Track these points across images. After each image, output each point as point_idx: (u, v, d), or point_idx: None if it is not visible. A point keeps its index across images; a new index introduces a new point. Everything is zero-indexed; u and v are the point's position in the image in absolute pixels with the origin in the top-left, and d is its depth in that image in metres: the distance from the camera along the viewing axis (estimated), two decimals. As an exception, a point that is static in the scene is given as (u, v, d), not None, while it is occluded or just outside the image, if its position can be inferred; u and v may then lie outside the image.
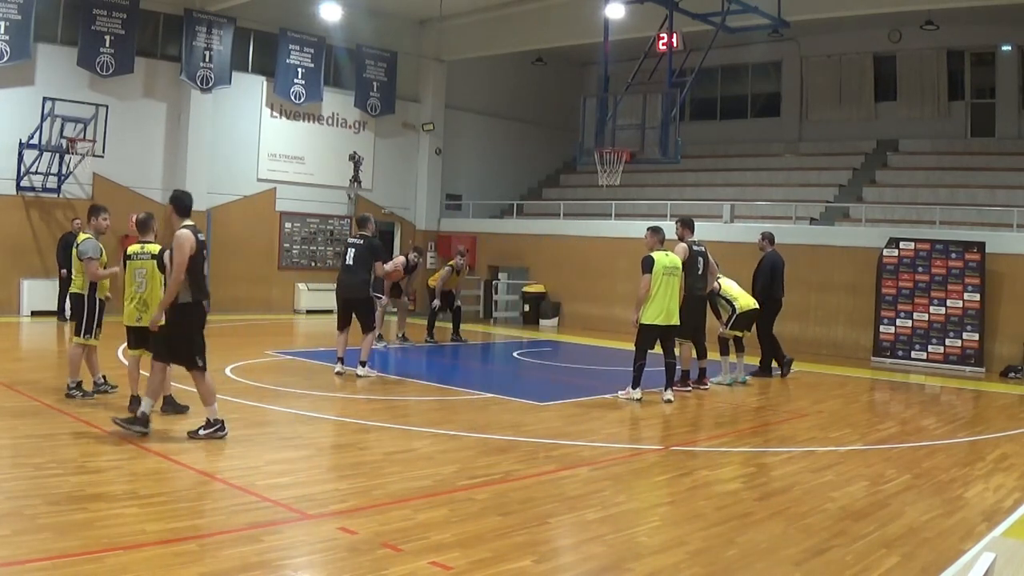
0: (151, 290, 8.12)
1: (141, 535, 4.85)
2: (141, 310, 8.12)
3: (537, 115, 25.37)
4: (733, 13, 14.72)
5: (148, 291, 8.12)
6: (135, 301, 8.16)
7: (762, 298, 12.49)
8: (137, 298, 8.14)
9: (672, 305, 10.06)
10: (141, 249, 8.21)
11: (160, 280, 8.05)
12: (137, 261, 8.14)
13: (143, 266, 8.14)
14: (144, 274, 8.12)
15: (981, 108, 20.27)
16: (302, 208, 20.71)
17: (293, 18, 19.81)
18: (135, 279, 8.14)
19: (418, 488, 6.13)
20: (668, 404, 10.05)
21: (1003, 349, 14.69)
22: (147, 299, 8.12)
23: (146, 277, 8.12)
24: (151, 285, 8.12)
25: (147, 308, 8.08)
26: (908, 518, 5.88)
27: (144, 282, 8.11)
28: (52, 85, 16.59)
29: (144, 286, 8.11)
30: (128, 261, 8.16)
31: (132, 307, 8.17)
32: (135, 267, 8.14)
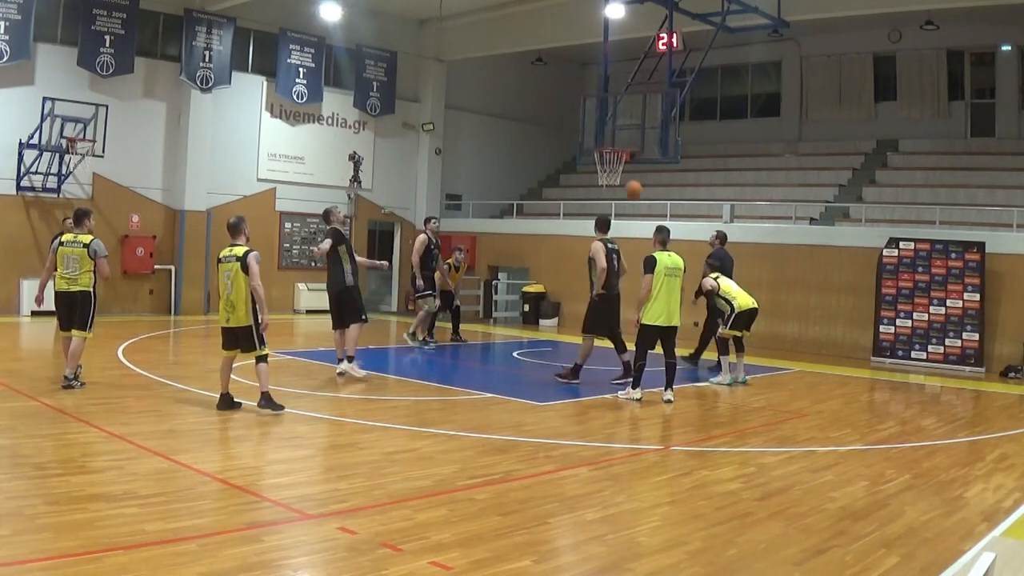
0: (237, 291, 8.39)
1: (141, 535, 4.85)
2: (228, 311, 8.44)
3: (537, 115, 25.36)
4: (733, 13, 14.71)
5: (234, 292, 8.39)
6: (224, 303, 8.52)
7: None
8: (224, 299, 8.48)
9: (673, 306, 10.05)
10: (228, 252, 8.54)
11: (245, 282, 8.37)
12: (225, 264, 8.48)
13: (229, 268, 8.43)
14: (230, 276, 8.41)
15: (981, 108, 20.26)
16: (302, 208, 20.70)
17: (293, 18, 19.80)
18: (223, 280, 8.47)
19: (418, 488, 6.13)
20: (668, 404, 10.04)
21: (1003, 349, 14.69)
22: (233, 300, 8.41)
23: (232, 279, 8.41)
24: (236, 286, 8.39)
25: (233, 309, 8.42)
26: (908, 518, 5.88)
27: (230, 284, 8.40)
28: (52, 85, 16.58)
29: (231, 288, 8.40)
30: (218, 264, 8.54)
31: (222, 309, 8.56)
32: (223, 269, 8.47)
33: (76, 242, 9.32)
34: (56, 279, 9.32)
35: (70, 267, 9.26)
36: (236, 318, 8.45)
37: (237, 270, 8.40)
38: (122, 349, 12.52)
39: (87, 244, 9.27)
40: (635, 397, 10.12)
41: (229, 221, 8.93)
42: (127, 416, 8.10)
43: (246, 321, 8.47)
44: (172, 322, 17.23)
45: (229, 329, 8.54)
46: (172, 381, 10.06)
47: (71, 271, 9.25)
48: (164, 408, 8.71)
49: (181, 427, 8.03)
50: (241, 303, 8.42)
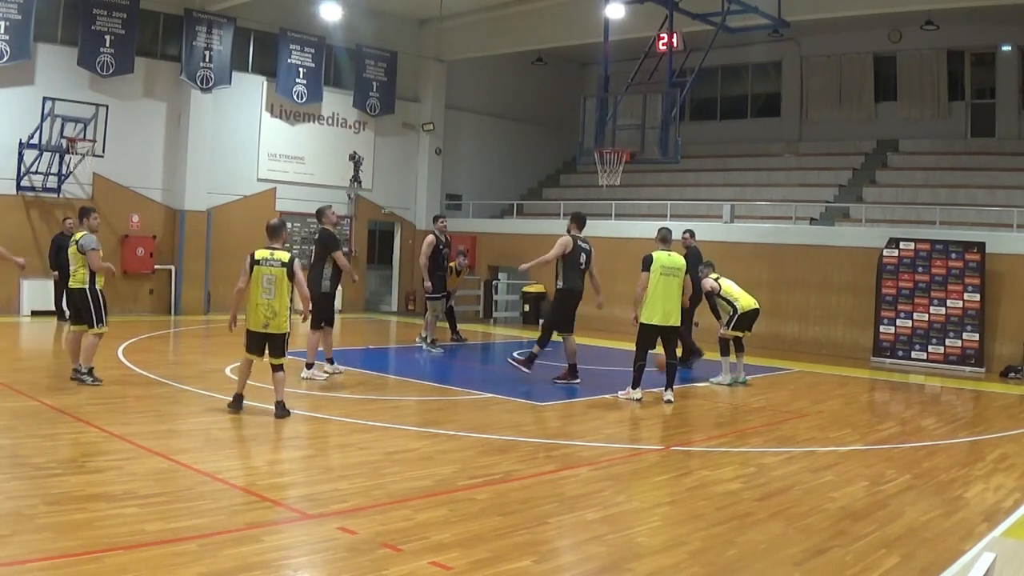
0: (280, 298, 8.23)
1: (141, 535, 4.85)
2: (269, 316, 8.24)
3: (537, 115, 25.35)
4: (733, 13, 14.71)
5: (277, 299, 8.22)
6: (263, 307, 8.23)
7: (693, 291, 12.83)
8: (265, 304, 8.22)
9: (670, 306, 10.04)
10: (271, 255, 8.30)
11: (288, 288, 8.25)
12: (265, 267, 8.22)
13: (272, 273, 8.21)
14: (273, 280, 8.21)
15: (981, 108, 20.26)
16: (302, 208, 20.67)
17: (293, 18, 19.80)
18: (262, 285, 8.21)
19: (418, 488, 6.13)
20: (668, 404, 10.04)
21: (1003, 349, 14.69)
22: (276, 307, 8.24)
23: (275, 284, 8.20)
24: (280, 293, 8.21)
25: (275, 316, 8.22)
26: (908, 518, 5.88)
27: (272, 288, 8.19)
28: (52, 85, 16.58)
29: (273, 293, 8.19)
30: (256, 266, 8.23)
31: (260, 313, 8.24)
32: (263, 273, 8.21)
33: (73, 240, 9.56)
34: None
35: (71, 264, 9.50)
36: (276, 324, 8.27)
37: (282, 276, 8.22)
38: (122, 349, 12.52)
39: (78, 240, 9.44)
40: (635, 397, 10.12)
41: (271, 223, 8.64)
42: (127, 416, 8.10)
43: (285, 328, 8.34)
44: (172, 322, 17.23)
45: (266, 335, 8.29)
46: (172, 381, 10.06)
47: (72, 268, 9.50)
48: (164, 408, 8.72)
49: (181, 427, 8.03)
50: (284, 310, 8.27)
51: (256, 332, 8.31)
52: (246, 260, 8.31)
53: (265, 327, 8.24)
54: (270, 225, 8.59)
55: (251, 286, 8.25)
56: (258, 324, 8.26)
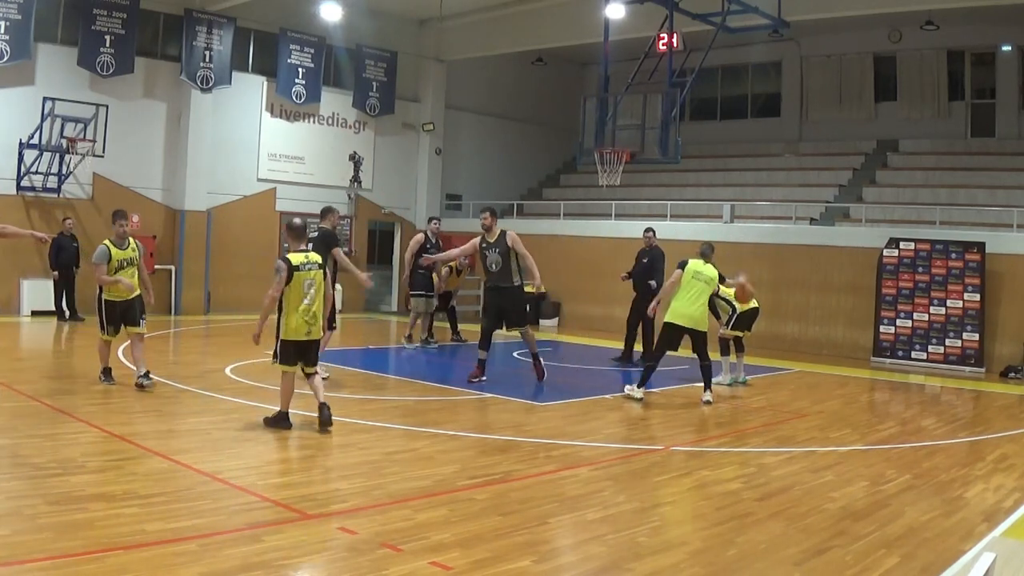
0: (319, 302, 7.84)
1: (141, 535, 4.85)
2: (311, 323, 7.80)
3: (537, 115, 25.35)
4: (733, 13, 14.71)
5: (317, 304, 7.81)
6: (304, 314, 7.76)
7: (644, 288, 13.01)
8: (305, 310, 7.76)
9: (693, 310, 10.12)
10: (306, 259, 7.86)
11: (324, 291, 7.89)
12: (305, 272, 7.78)
13: (312, 277, 7.81)
14: (313, 285, 7.79)
15: (981, 108, 20.26)
16: (302, 208, 20.60)
17: (293, 18, 19.80)
18: (303, 290, 7.74)
19: (418, 488, 6.13)
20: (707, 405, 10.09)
21: (1003, 349, 14.69)
22: (316, 312, 7.82)
23: (315, 288, 7.79)
24: (319, 297, 7.83)
25: (315, 321, 7.81)
26: (908, 518, 5.88)
27: (313, 294, 7.77)
28: (52, 85, 16.58)
29: (313, 298, 7.77)
30: (296, 272, 7.72)
31: (301, 321, 7.76)
32: (303, 278, 7.75)
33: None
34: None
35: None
36: (317, 330, 7.83)
37: (321, 278, 7.84)
38: (122, 349, 12.51)
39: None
40: (636, 396, 10.13)
41: (294, 223, 8.09)
42: (127, 416, 8.10)
43: (321, 333, 8.00)
44: (172, 322, 17.23)
45: (309, 343, 7.85)
46: (172, 381, 10.06)
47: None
48: (164, 408, 8.71)
49: (181, 427, 8.04)
50: (321, 314, 7.88)
51: (296, 341, 7.78)
52: (281, 267, 7.71)
53: (308, 334, 7.79)
54: (295, 226, 8.05)
55: (289, 293, 7.73)
56: (300, 332, 7.76)
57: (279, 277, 7.70)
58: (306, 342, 7.82)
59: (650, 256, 13.33)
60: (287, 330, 7.76)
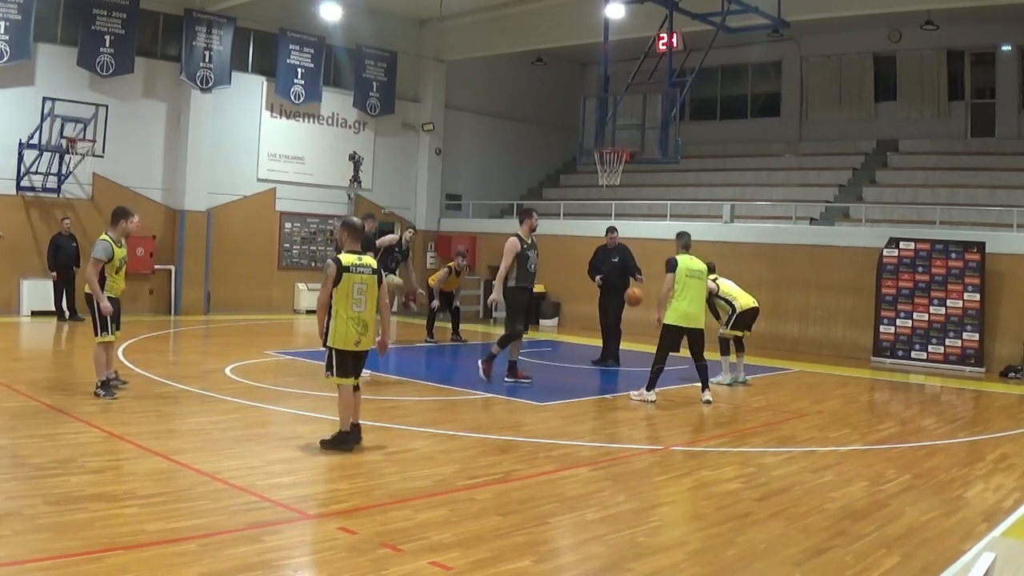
0: (371, 309, 7.21)
1: (141, 535, 4.85)
2: (361, 332, 7.12)
3: (537, 115, 25.35)
4: (733, 13, 14.71)
5: (368, 311, 7.16)
6: (354, 322, 7.09)
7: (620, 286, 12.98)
8: (356, 318, 7.09)
9: (693, 309, 10.12)
10: (359, 260, 7.17)
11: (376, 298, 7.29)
12: (356, 275, 7.09)
13: (363, 281, 7.13)
14: (364, 290, 7.13)
15: (981, 108, 20.26)
16: (302, 208, 20.71)
17: (293, 18, 19.81)
18: (352, 295, 7.07)
19: (418, 488, 6.13)
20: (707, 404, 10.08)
21: (1003, 349, 14.69)
22: (367, 320, 7.16)
23: (366, 293, 7.14)
24: (371, 303, 7.19)
25: (366, 330, 7.14)
26: (908, 518, 5.88)
27: (364, 299, 7.11)
28: (52, 85, 16.58)
29: (364, 304, 7.12)
30: (346, 274, 7.05)
31: (351, 329, 7.08)
32: (354, 281, 7.08)
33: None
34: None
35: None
36: (368, 340, 7.20)
37: (373, 284, 7.18)
38: (122, 349, 12.51)
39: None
40: (649, 399, 10.12)
41: (352, 221, 7.49)
42: (127, 416, 8.09)
43: (373, 342, 7.37)
44: (172, 322, 17.23)
45: (358, 354, 7.21)
46: (172, 381, 10.06)
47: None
48: (164, 408, 8.71)
49: (181, 427, 8.04)
50: (373, 323, 7.27)
51: (353, 352, 7.15)
52: (330, 268, 7.08)
53: (357, 344, 7.12)
54: (353, 224, 7.41)
55: (338, 296, 7.06)
56: (350, 342, 7.09)
57: (326, 278, 7.10)
58: (354, 352, 7.17)
59: (621, 254, 13.28)
60: (335, 337, 7.10)
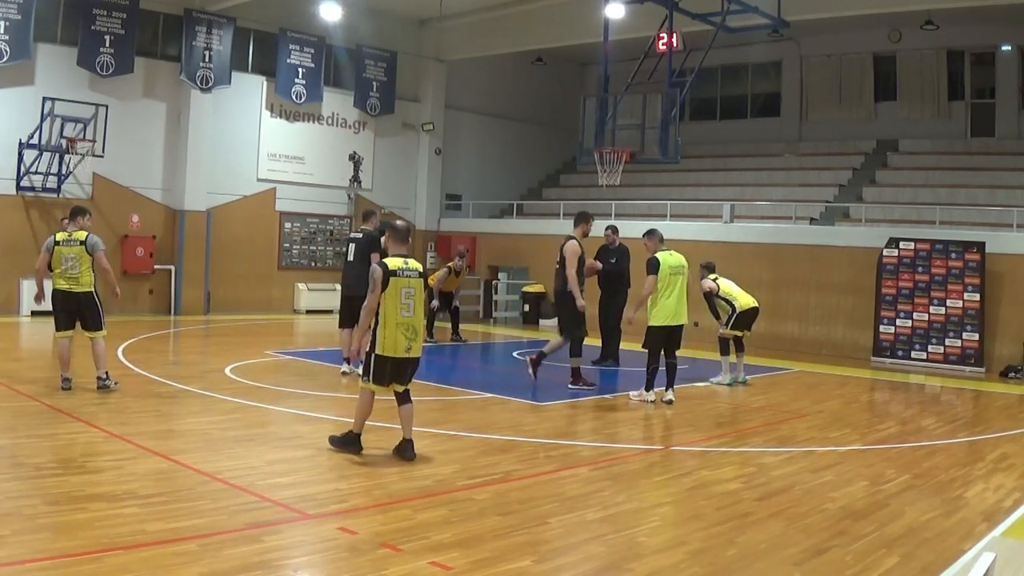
0: (419, 314, 6.98)
1: (141, 535, 4.85)
2: (411, 338, 6.86)
3: (537, 115, 25.36)
4: (733, 13, 14.71)
5: (417, 316, 6.94)
6: (404, 328, 6.84)
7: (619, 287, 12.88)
8: (406, 324, 6.83)
9: (679, 306, 10.06)
10: (405, 264, 6.92)
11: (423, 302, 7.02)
12: (403, 279, 6.84)
13: (411, 285, 6.89)
14: (412, 294, 6.87)
15: (981, 108, 20.26)
16: (302, 208, 20.71)
17: (293, 18, 19.80)
18: (401, 300, 6.81)
19: (418, 488, 6.13)
20: (669, 404, 10.03)
21: (1003, 349, 14.69)
22: (416, 326, 6.92)
23: (414, 298, 6.88)
24: (419, 308, 6.97)
25: (416, 336, 6.91)
26: (908, 518, 5.88)
27: (412, 304, 6.87)
28: (52, 85, 16.57)
29: (412, 309, 6.87)
30: (393, 278, 6.79)
31: (400, 335, 6.81)
32: (401, 286, 6.81)
33: (72, 240, 9.02)
34: (55, 279, 9.03)
35: (69, 266, 8.97)
36: (418, 346, 6.93)
37: (420, 288, 6.97)
38: (122, 349, 12.52)
39: (83, 240, 9.02)
40: (648, 399, 10.11)
41: (398, 225, 7.22)
42: (127, 416, 8.09)
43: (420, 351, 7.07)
44: (172, 322, 17.23)
45: (408, 360, 6.93)
46: (172, 381, 10.06)
47: (72, 270, 8.97)
48: (164, 408, 8.71)
49: (181, 427, 8.03)
50: (422, 327, 7.07)
51: (394, 358, 6.83)
52: (376, 273, 6.80)
53: (408, 351, 6.85)
54: (398, 228, 7.17)
55: (386, 302, 6.78)
56: (399, 348, 6.80)
57: (374, 283, 6.78)
58: (405, 359, 6.91)
59: (618, 256, 13.21)
60: (383, 345, 6.79)
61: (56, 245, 9.02)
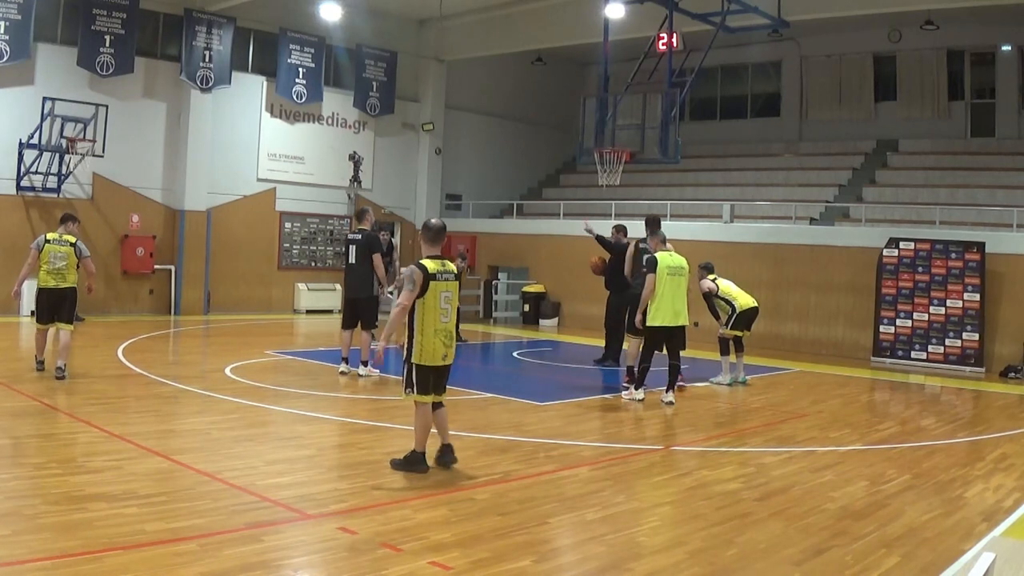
0: (455, 319, 6.66)
1: (141, 535, 4.85)
2: (448, 345, 6.55)
3: (537, 115, 25.36)
4: (733, 13, 14.72)
5: (453, 320, 6.61)
6: (442, 334, 6.49)
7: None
8: (444, 330, 6.49)
9: (679, 305, 10.05)
10: (443, 267, 6.54)
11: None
12: (442, 282, 6.47)
13: (449, 289, 6.53)
14: (450, 299, 6.53)
15: (981, 108, 20.27)
16: (302, 208, 20.71)
17: (293, 18, 19.81)
18: (440, 305, 6.46)
19: (418, 488, 6.13)
20: (669, 406, 10.03)
21: (1003, 349, 14.69)
22: (452, 331, 6.60)
23: (451, 302, 6.55)
24: (455, 313, 6.64)
25: (452, 342, 6.58)
26: (908, 518, 5.88)
27: (450, 309, 6.54)
28: (52, 85, 16.57)
29: (450, 314, 6.54)
30: (432, 282, 6.42)
31: (439, 342, 6.48)
32: (440, 290, 6.46)
33: (63, 241, 9.91)
34: (41, 276, 9.86)
35: (58, 264, 9.83)
36: (453, 352, 6.63)
37: (457, 290, 6.63)
38: (122, 349, 12.52)
39: (74, 244, 9.93)
40: (637, 398, 10.12)
41: (433, 224, 6.70)
42: (127, 416, 8.10)
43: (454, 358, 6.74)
44: (172, 322, 17.23)
45: (445, 368, 6.66)
46: (172, 381, 10.06)
47: (60, 268, 9.83)
48: (164, 408, 8.72)
49: (181, 427, 8.04)
50: (455, 333, 6.72)
51: (433, 367, 6.52)
52: (415, 274, 6.38)
53: (444, 358, 6.55)
54: (434, 227, 6.68)
55: (423, 307, 6.41)
56: (437, 356, 6.48)
57: (411, 286, 6.37)
58: (442, 367, 6.60)
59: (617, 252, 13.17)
60: (421, 353, 6.44)
61: (47, 243, 9.89)
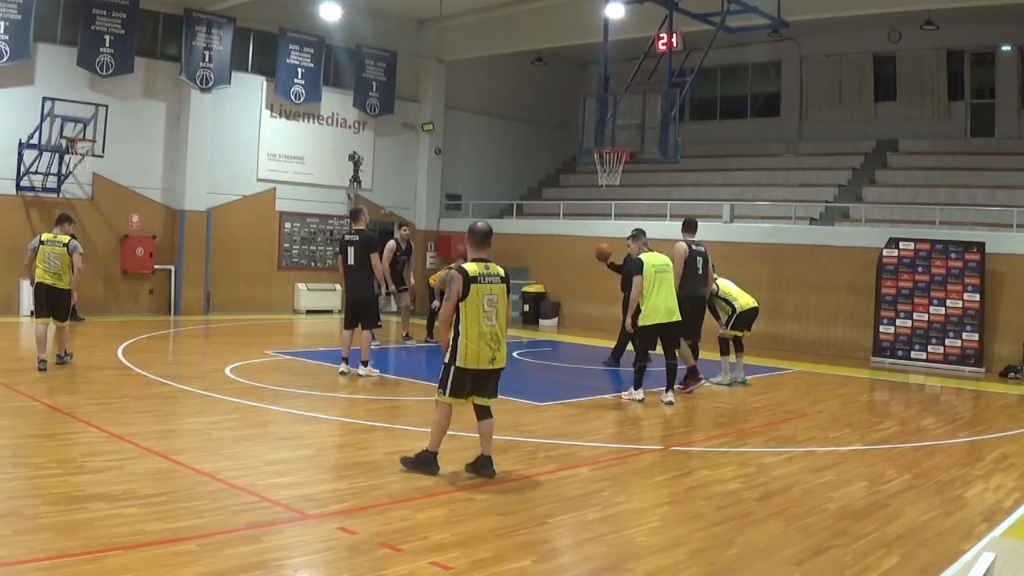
0: (502, 322, 6.47)
1: (141, 535, 4.85)
2: (495, 348, 6.38)
3: (537, 115, 25.36)
4: (733, 13, 14.71)
5: (499, 324, 6.43)
6: (487, 338, 6.36)
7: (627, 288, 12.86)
8: (489, 334, 6.35)
9: (671, 302, 10.06)
10: (486, 270, 6.43)
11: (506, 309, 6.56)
12: (485, 285, 6.37)
13: (494, 292, 6.40)
14: (495, 301, 6.39)
15: (981, 108, 20.26)
16: (302, 208, 20.70)
17: (293, 18, 19.80)
18: (483, 308, 6.34)
19: (418, 488, 6.13)
20: (668, 406, 10.04)
21: (1003, 349, 14.68)
22: (499, 334, 6.43)
23: (496, 305, 6.40)
24: (502, 315, 6.47)
25: (500, 346, 6.42)
26: (908, 518, 5.88)
27: (494, 312, 6.38)
28: (52, 85, 16.57)
29: (495, 317, 6.39)
30: (474, 285, 6.31)
31: (484, 345, 6.34)
32: (483, 293, 6.35)
33: (56, 241, 10.41)
34: (39, 274, 10.36)
35: (53, 264, 10.33)
36: (503, 357, 6.47)
37: (503, 293, 6.46)
38: (122, 349, 12.53)
39: (66, 243, 10.41)
40: (637, 398, 10.12)
41: (479, 227, 6.63)
42: (127, 416, 8.10)
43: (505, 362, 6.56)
44: (172, 322, 17.23)
45: (491, 372, 6.48)
46: (172, 381, 10.06)
47: (55, 267, 10.33)
48: (164, 408, 8.72)
49: (181, 427, 8.04)
50: (505, 336, 6.51)
51: (475, 371, 6.37)
52: (455, 280, 6.30)
53: (492, 362, 6.38)
54: (479, 231, 6.59)
55: (466, 310, 6.30)
56: (483, 360, 6.34)
57: (452, 290, 6.30)
58: (488, 371, 6.44)
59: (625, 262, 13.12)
60: (465, 357, 6.32)
61: (41, 244, 10.42)
